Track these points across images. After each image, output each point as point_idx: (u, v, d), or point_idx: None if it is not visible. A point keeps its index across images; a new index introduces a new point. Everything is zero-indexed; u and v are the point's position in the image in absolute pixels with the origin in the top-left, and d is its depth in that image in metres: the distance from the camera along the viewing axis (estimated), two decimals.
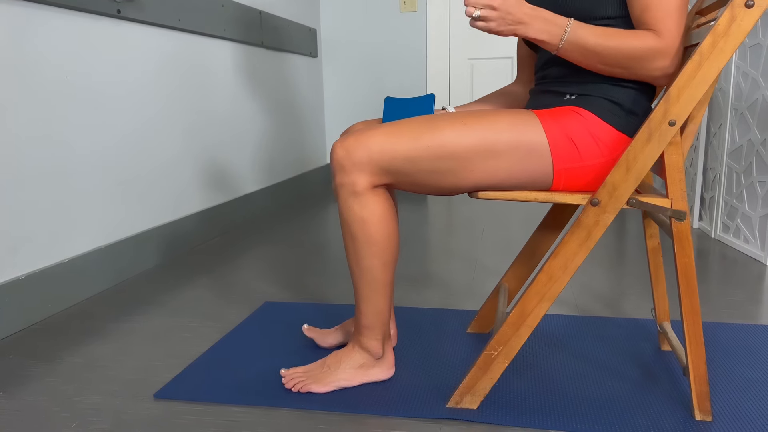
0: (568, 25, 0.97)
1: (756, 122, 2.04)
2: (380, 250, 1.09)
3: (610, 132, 1.01)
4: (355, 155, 1.03)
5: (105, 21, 1.78)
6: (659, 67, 0.97)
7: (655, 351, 1.32)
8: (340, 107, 3.68)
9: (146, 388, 1.18)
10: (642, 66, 0.97)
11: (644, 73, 0.98)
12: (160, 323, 1.52)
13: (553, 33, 0.98)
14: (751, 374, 1.20)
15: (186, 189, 2.23)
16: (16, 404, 1.13)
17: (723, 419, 1.04)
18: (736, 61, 2.17)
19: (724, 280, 1.80)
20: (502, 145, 1.01)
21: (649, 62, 0.96)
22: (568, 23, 0.97)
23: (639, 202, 0.99)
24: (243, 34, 2.59)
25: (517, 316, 1.04)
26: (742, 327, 1.44)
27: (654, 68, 0.97)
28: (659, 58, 0.96)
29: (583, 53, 0.98)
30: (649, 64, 0.97)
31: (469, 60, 3.52)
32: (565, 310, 1.58)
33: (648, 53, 0.95)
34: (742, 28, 0.89)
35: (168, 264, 2.05)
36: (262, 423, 1.06)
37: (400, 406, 1.09)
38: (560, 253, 1.01)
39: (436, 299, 1.67)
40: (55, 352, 1.36)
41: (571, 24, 0.97)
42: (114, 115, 1.83)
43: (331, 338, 1.34)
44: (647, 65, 0.97)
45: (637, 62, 0.97)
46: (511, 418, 1.05)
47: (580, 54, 0.98)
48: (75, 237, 1.69)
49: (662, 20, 0.95)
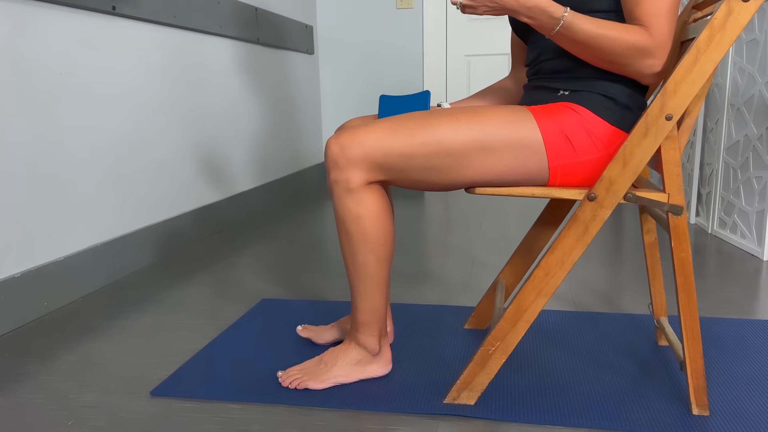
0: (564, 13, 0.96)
1: (753, 117, 2.04)
2: (375, 246, 1.08)
3: (605, 127, 1.01)
4: (350, 152, 1.03)
5: (99, 18, 1.77)
6: (647, 65, 0.96)
7: (652, 346, 1.32)
8: (336, 104, 3.67)
9: (143, 386, 1.18)
10: (630, 62, 0.96)
11: (631, 69, 0.98)
12: (157, 321, 1.52)
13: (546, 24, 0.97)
14: (748, 369, 1.21)
15: (182, 187, 2.23)
16: (12, 402, 1.13)
17: (720, 414, 1.04)
18: (732, 56, 2.16)
19: (721, 275, 1.81)
20: (497, 142, 1.01)
21: (637, 59, 0.96)
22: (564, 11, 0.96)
23: (636, 197, 0.99)
24: (239, 31, 2.58)
25: (514, 311, 1.03)
26: (739, 322, 1.44)
27: (642, 65, 0.96)
28: (648, 56, 0.95)
29: (574, 40, 0.97)
30: (637, 61, 0.96)
31: (466, 56, 3.51)
32: (562, 305, 1.58)
33: (637, 50, 0.95)
34: (739, 22, 0.89)
35: (164, 262, 2.04)
36: (259, 420, 1.05)
37: (397, 402, 1.09)
38: (557, 248, 1.01)
39: (433, 295, 1.67)
40: (51, 350, 1.35)
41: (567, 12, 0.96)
42: (109, 112, 1.82)
43: (327, 335, 1.34)
44: (635, 62, 0.96)
45: (626, 58, 0.96)
46: (509, 413, 1.05)
47: (571, 41, 0.97)
48: (70, 235, 1.68)
49: (654, 17, 0.94)
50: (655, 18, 0.94)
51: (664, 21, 0.94)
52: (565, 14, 0.95)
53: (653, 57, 0.95)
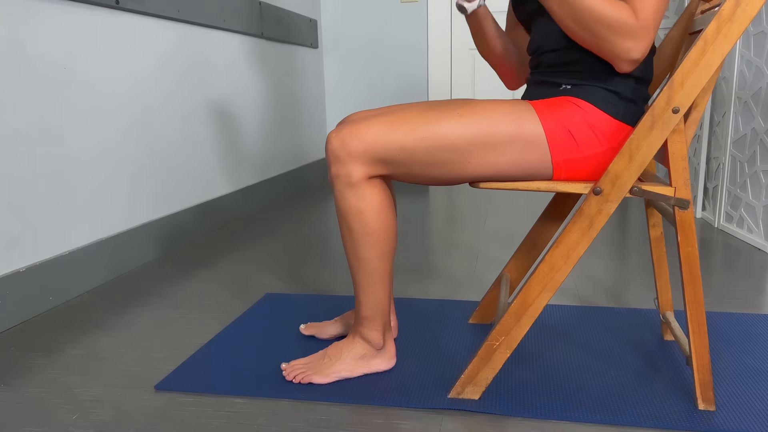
0: None
1: (760, 111, 2.02)
2: (377, 240, 1.08)
3: (609, 121, 1.00)
4: (350, 146, 1.02)
5: (103, 12, 1.77)
6: (626, 47, 0.93)
7: (658, 341, 1.31)
8: (340, 98, 3.66)
9: (147, 380, 1.18)
10: (609, 38, 0.93)
11: (609, 48, 0.94)
12: (161, 315, 1.52)
13: None
14: (755, 364, 1.20)
15: (186, 181, 2.23)
16: (18, 396, 1.13)
17: (726, 409, 1.04)
18: (740, 49, 2.15)
19: (728, 269, 1.80)
20: (499, 137, 1.00)
21: (617, 36, 0.93)
22: None
23: (642, 190, 0.98)
24: (243, 25, 2.58)
25: (518, 306, 1.03)
26: (746, 316, 1.43)
27: (620, 46, 0.93)
28: (628, 36, 0.92)
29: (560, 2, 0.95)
30: (616, 38, 0.93)
31: (471, 50, 3.49)
32: (567, 300, 1.57)
33: (620, 26, 0.92)
34: (747, 13, 0.88)
35: (168, 256, 2.04)
36: (263, 414, 1.05)
37: (401, 396, 1.09)
38: (562, 242, 1.00)
39: (438, 290, 1.66)
40: (56, 344, 1.36)
41: None
42: (113, 106, 1.82)
43: (331, 329, 1.33)
44: (614, 38, 0.93)
45: (606, 31, 0.93)
46: (513, 408, 1.05)
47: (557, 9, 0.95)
48: (75, 229, 1.68)
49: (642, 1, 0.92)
50: (644, 2, 0.92)
51: (651, 6, 0.91)
52: None
53: (633, 39, 0.93)
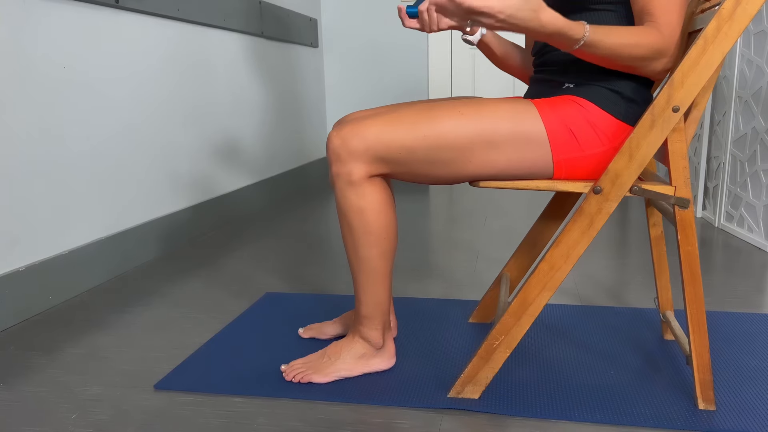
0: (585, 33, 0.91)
1: (760, 110, 2.02)
2: (378, 239, 1.08)
3: (610, 121, 1.00)
4: (351, 144, 1.02)
5: (103, 11, 1.77)
6: (661, 63, 0.96)
7: (658, 340, 1.31)
8: (341, 97, 3.66)
9: (147, 379, 1.18)
10: (647, 64, 0.95)
11: (645, 71, 0.97)
12: (161, 314, 1.52)
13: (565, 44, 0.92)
14: (755, 363, 1.20)
15: (186, 180, 2.23)
16: (17, 395, 1.13)
17: (726, 408, 1.03)
18: (740, 48, 2.14)
19: (728, 269, 1.79)
20: (500, 135, 1.00)
21: (654, 61, 0.95)
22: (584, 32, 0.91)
23: (642, 189, 0.98)
24: (243, 24, 2.58)
25: (518, 305, 1.03)
26: (746, 316, 1.43)
27: (656, 65, 0.96)
28: (662, 55, 0.94)
29: (594, 55, 0.94)
30: (653, 63, 0.95)
31: (471, 50, 3.49)
32: (567, 299, 1.57)
33: (654, 52, 0.93)
34: (748, 12, 0.87)
35: (168, 255, 2.04)
36: (263, 413, 1.05)
37: (401, 396, 1.09)
38: (562, 241, 1.00)
39: (437, 289, 1.66)
40: (55, 344, 1.36)
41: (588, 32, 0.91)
42: (113, 105, 1.82)
43: (330, 329, 1.33)
44: (652, 63, 0.95)
45: (644, 61, 0.94)
46: (513, 407, 1.05)
47: (591, 55, 0.95)
48: (75, 229, 1.68)
49: (665, 13, 0.93)
50: (666, 14, 0.93)
51: (675, 17, 0.93)
52: (586, 35, 0.91)
53: (666, 55, 0.95)
